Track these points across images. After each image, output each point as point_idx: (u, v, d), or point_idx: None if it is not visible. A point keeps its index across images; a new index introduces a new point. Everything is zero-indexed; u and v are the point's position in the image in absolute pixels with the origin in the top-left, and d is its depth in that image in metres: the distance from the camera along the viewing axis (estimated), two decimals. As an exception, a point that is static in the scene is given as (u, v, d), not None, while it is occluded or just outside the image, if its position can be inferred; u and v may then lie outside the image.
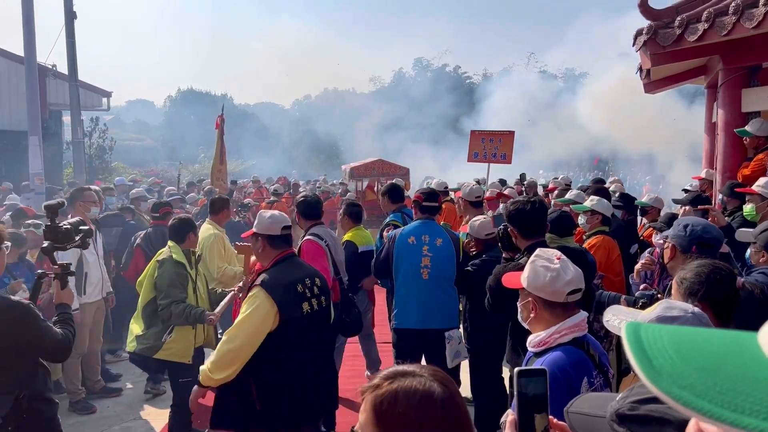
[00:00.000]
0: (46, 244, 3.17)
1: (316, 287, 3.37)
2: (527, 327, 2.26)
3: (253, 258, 5.40)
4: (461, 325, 4.79)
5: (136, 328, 4.45)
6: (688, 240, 2.89)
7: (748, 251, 3.28)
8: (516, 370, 1.30)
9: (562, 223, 4.11)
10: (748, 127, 5.52)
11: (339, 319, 4.56)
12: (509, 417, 1.34)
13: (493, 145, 8.88)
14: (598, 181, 8.62)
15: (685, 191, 6.35)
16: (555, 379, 1.81)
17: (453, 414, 1.20)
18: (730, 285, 2.22)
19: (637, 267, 3.94)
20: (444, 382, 1.23)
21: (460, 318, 4.83)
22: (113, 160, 25.22)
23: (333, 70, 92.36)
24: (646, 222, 6.06)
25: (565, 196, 5.94)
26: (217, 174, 10.57)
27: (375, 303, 5.88)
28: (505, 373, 4.68)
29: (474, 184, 6.18)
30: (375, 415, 1.19)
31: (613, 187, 7.36)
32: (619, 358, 3.87)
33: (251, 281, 3.48)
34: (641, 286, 3.68)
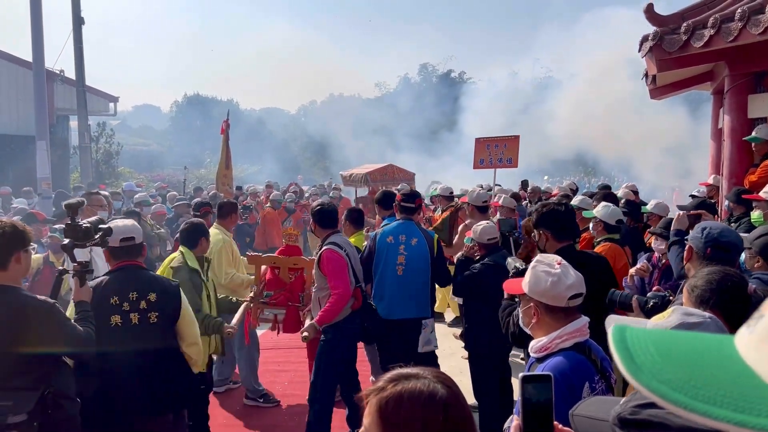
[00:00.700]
0: (66, 241, 3.22)
1: (144, 302, 3.32)
2: (529, 332, 2.27)
3: (263, 267, 5.39)
4: (461, 327, 4.84)
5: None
6: (704, 242, 2.90)
7: (743, 256, 3.26)
8: (521, 375, 1.30)
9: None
10: (756, 133, 5.51)
11: (360, 326, 4.66)
12: (514, 422, 1.34)
13: (498, 150, 8.85)
14: (604, 187, 8.55)
15: (693, 197, 6.33)
16: (557, 384, 1.80)
17: (457, 415, 1.20)
18: (741, 291, 2.21)
19: (631, 272, 3.94)
20: (447, 384, 1.23)
21: (461, 320, 4.87)
22: (120, 165, 25.34)
23: (338, 75, 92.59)
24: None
25: (570, 203, 5.92)
26: (222, 179, 10.58)
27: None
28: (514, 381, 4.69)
29: (480, 189, 6.19)
30: (380, 418, 1.19)
31: (620, 193, 7.31)
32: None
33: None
34: (654, 289, 3.66)
